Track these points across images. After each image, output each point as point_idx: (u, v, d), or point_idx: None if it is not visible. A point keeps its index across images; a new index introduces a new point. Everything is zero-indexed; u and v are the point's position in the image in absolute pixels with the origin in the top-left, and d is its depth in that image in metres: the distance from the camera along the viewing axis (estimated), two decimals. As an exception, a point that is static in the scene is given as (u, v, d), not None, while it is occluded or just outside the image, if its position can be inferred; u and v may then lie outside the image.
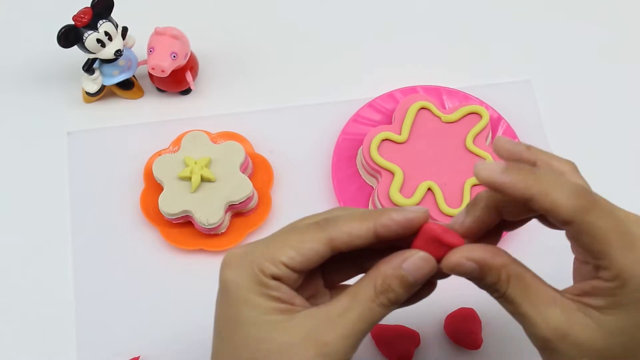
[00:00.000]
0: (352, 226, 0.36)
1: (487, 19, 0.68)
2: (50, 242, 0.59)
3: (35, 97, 0.65)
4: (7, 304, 0.57)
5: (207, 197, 0.57)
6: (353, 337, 0.35)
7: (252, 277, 0.36)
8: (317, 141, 0.62)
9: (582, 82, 0.66)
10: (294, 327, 0.35)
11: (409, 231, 0.37)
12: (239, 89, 0.65)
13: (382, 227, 0.36)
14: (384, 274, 0.36)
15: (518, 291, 0.36)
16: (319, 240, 0.36)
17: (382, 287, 0.36)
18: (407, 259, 0.36)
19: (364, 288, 0.36)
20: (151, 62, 0.59)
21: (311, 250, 0.36)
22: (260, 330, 0.36)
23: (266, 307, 0.36)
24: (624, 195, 0.61)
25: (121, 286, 0.58)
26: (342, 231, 0.36)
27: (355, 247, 0.37)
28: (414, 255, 0.36)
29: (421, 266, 0.36)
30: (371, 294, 0.36)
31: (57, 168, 0.62)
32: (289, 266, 0.36)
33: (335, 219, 0.37)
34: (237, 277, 0.37)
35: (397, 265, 0.36)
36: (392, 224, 0.36)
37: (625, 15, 0.69)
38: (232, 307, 0.37)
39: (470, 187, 0.57)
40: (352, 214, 0.37)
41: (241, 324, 0.36)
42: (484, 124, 0.59)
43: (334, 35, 0.68)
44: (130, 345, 0.55)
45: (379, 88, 0.63)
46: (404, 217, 0.36)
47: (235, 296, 0.36)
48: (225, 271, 0.37)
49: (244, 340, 0.36)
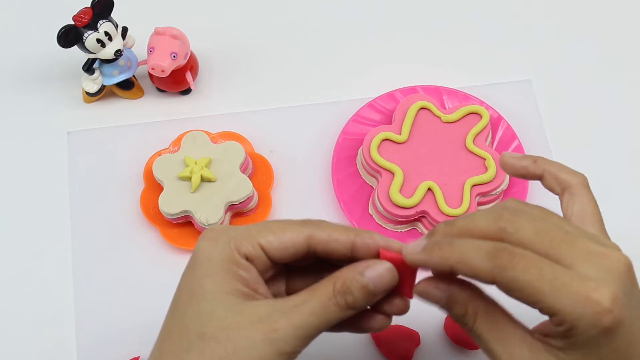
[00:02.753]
0: (335, 229, 0.38)
1: (487, 19, 0.68)
2: (50, 242, 0.59)
3: (35, 97, 0.65)
4: (7, 304, 0.57)
5: (207, 197, 0.57)
6: (304, 330, 0.36)
7: (225, 252, 0.37)
8: (317, 141, 0.62)
9: (582, 82, 0.66)
10: (249, 310, 0.36)
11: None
12: (239, 89, 0.65)
13: (362, 243, 0.38)
14: (345, 276, 0.37)
15: (486, 327, 0.36)
16: (300, 233, 0.37)
17: (342, 288, 0.36)
18: (370, 266, 0.37)
19: (323, 286, 0.37)
20: (151, 62, 0.59)
21: (290, 240, 0.37)
22: (216, 307, 0.36)
23: (229, 287, 0.36)
24: (624, 195, 0.61)
25: (121, 286, 0.58)
26: (324, 231, 0.38)
27: (330, 250, 0.38)
28: (378, 264, 0.37)
29: (383, 276, 0.37)
30: (329, 292, 0.37)
31: (57, 168, 0.62)
32: (265, 249, 0.37)
33: (322, 221, 0.38)
34: (210, 250, 0.37)
35: (360, 271, 0.37)
36: (371, 243, 0.37)
37: (625, 16, 0.69)
38: (195, 280, 0.37)
39: (470, 187, 0.57)
40: (339, 225, 0.38)
41: (199, 297, 0.37)
42: (484, 124, 0.59)
43: (334, 35, 0.68)
44: (130, 345, 0.55)
45: (379, 88, 0.63)
46: (386, 242, 0.38)
47: (203, 269, 0.37)
48: (201, 242, 0.38)
49: (196, 314, 0.36)
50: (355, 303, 0.37)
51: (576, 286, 0.32)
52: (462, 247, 0.34)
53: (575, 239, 0.34)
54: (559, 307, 0.33)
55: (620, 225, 0.59)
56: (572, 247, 0.34)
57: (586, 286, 0.32)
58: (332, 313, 0.36)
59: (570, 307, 0.32)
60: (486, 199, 0.58)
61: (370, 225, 0.58)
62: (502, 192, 0.58)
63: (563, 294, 0.32)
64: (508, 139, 0.61)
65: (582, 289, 0.32)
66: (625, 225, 0.60)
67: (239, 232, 0.38)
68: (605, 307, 0.32)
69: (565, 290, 0.32)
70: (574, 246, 0.34)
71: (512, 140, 0.61)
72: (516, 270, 0.33)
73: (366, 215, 0.59)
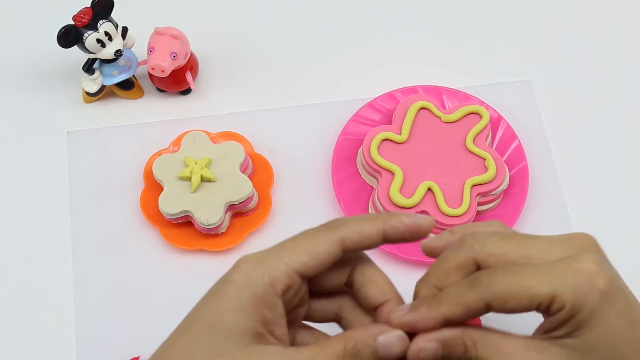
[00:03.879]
0: (362, 226, 0.37)
1: (487, 19, 0.68)
2: (50, 242, 0.59)
3: (35, 97, 0.65)
4: (6, 304, 0.57)
5: (207, 197, 0.57)
6: None
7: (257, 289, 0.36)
8: (317, 141, 0.62)
9: (582, 82, 0.66)
10: (257, 356, 0.35)
11: (415, 237, 0.37)
12: (238, 89, 0.65)
13: (391, 229, 0.37)
14: (358, 337, 0.36)
15: (488, 349, 0.36)
16: (331, 242, 0.37)
17: (352, 350, 0.36)
18: (384, 332, 0.36)
19: (334, 344, 0.36)
20: (151, 62, 0.59)
21: (324, 253, 0.36)
22: (228, 344, 0.35)
23: (247, 325, 0.35)
24: (624, 195, 0.61)
25: (121, 286, 0.58)
26: (353, 230, 0.37)
27: (364, 247, 0.37)
28: (392, 332, 0.36)
29: (395, 345, 0.36)
30: (339, 352, 0.36)
31: (57, 168, 0.62)
32: (302, 273, 0.36)
33: (344, 220, 0.38)
34: (242, 284, 0.36)
35: (373, 335, 0.36)
36: (401, 227, 0.37)
37: (625, 16, 0.69)
38: (217, 311, 0.36)
39: (470, 187, 0.57)
40: (361, 216, 0.38)
41: (215, 331, 0.36)
42: (484, 124, 0.59)
43: (334, 35, 0.68)
44: (130, 345, 0.55)
45: (379, 88, 0.63)
46: (414, 221, 0.37)
47: (229, 302, 0.36)
48: (235, 274, 0.37)
49: (207, 348, 0.36)
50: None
51: (560, 267, 0.34)
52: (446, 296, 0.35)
53: (539, 237, 0.36)
54: (552, 291, 0.33)
55: (620, 225, 0.60)
56: (539, 242, 0.36)
57: (568, 263, 0.34)
58: None
59: (563, 286, 0.33)
60: (486, 198, 0.58)
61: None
62: (502, 192, 0.58)
63: (550, 277, 0.34)
64: (508, 139, 0.61)
65: (566, 266, 0.34)
66: (625, 225, 0.60)
67: (271, 262, 0.36)
68: (594, 270, 0.33)
69: (551, 273, 0.34)
70: (540, 241, 0.36)
71: (512, 140, 0.61)
72: (499, 281, 0.34)
73: (366, 215, 0.59)
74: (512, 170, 0.59)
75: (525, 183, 0.59)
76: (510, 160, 0.60)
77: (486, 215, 0.59)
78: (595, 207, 0.61)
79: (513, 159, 0.60)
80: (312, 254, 0.36)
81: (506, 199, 0.59)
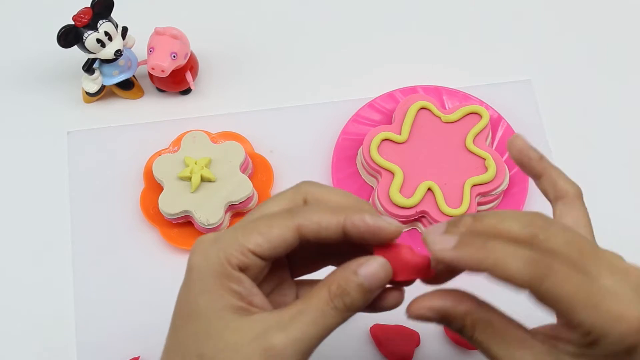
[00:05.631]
0: (322, 217, 0.36)
1: (487, 19, 0.68)
2: (50, 242, 0.59)
3: (35, 97, 0.65)
4: (6, 304, 0.57)
5: (207, 197, 0.57)
6: (303, 342, 0.35)
7: (216, 267, 0.36)
8: (317, 141, 0.62)
9: (582, 82, 0.66)
10: (245, 327, 0.35)
11: (376, 239, 0.36)
12: (239, 89, 0.65)
13: (352, 226, 0.36)
14: (339, 277, 0.36)
15: (485, 335, 0.35)
16: (287, 227, 0.36)
17: (338, 291, 0.35)
18: (363, 264, 0.36)
19: (318, 292, 0.36)
20: (151, 62, 0.59)
21: (279, 237, 0.36)
22: (212, 326, 0.35)
23: (223, 303, 0.36)
24: (624, 195, 0.61)
25: (121, 286, 0.58)
26: (312, 220, 0.36)
27: (322, 238, 0.36)
28: (371, 261, 0.36)
29: (378, 272, 0.36)
30: (325, 298, 0.35)
31: (57, 168, 0.62)
32: (257, 253, 0.36)
33: (308, 207, 0.37)
34: (201, 265, 0.36)
35: (354, 270, 0.36)
36: (361, 225, 0.36)
37: (625, 16, 0.69)
38: (190, 298, 0.37)
39: (470, 187, 0.57)
40: (324, 207, 0.37)
41: (196, 316, 0.36)
42: (484, 124, 0.59)
43: (334, 35, 0.68)
44: (130, 345, 0.55)
45: (379, 88, 0.63)
46: (375, 223, 0.36)
47: (196, 286, 0.36)
48: (192, 257, 0.37)
49: (193, 334, 0.36)
50: (353, 304, 0.36)
51: (609, 304, 0.33)
52: (499, 251, 0.33)
53: (601, 253, 0.35)
54: (590, 322, 0.33)
55: (620, 225, 0.60)
56: (599, 260, 0.34)
57: (619, 304, 0.33)
58: (331, 318, 0.35)
59: (602, 323, 0.33)
60: (486, 199, 0.58)
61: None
62: (502, 192, 0.58)
63: (598, 310, 0.33)
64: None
65: (616, 306, 0.33)
66: (625, 225, 0.60)
67: (227, 241, 0.36)
68: (635, 326, 0.32)
69: (600, 307, 0.33)
70: (600, 259, 0.34)
71: (512, 140, 0.61)
72: (554, 283, 0.33)
73: (366, 215, 0.59)
74: (512, 170, 0.59)
75: (525, 183, 0.59)
76: (510, 160, 0.60)
77: (486, 215, 0.59)
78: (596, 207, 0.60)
79: (513, 159, 0.60)
80: (266, 235, 0.36)
81: (506, 199, 0.59)
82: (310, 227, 0.36)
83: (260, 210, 0.38)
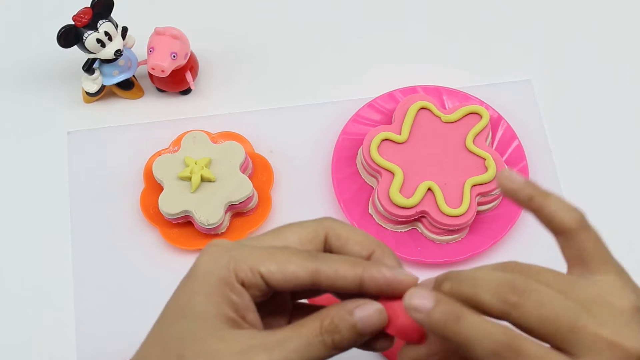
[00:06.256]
0: (341, 266, 0.36)
1: (487, 19, 0.68)
2: (50, 242, 0.59)
3: (35, 97, 0.65)
4: (6, 304, 0.57)
5: (207, 197, 0.57)
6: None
7: (222, 273, 0.36)
8: (317, 141, 0.62)
9: (582, 82, 0.66)
10: (231, 340, 0.35)
11: (393, 292, 0.36)
12: (239, 89, 0.65)
13: (370, 278, 0.36)
14: (333, 314, 0.36)
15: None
16: (305, 268, 0.36)
17: (330, 327, 0.35)
18: (360, 305, 0.36)
19: (310, 322, 0.36)
20: (151, 62, 0.59)
21: (293, 274, 0.36)
22: (199, 328, 0.35)
23: (217, 310, 0.35)
24: (624, 195, 0.61)
25: (121, 286, 0.58)
26: (331, 267, 0.36)
27: (337, 288, 0.36)
28: (369, 305, 0.36)
29: (373, 317, 0.35)
30: (315, 329, 0.35)
31: (57, 168, 0.62)
32: (265, 278, 0.36)
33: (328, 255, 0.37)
34: (208, 267, 0.36)
35: (350, 310, 0.35)
36: (379, 278, 0.36)
37: (625, 15, 0.69)
38: (186, 295, 0.36)
39: (470, 187, 0.57)
40: (343, 257, 0.37)
41: (185, 315, 0.36)
42: (484, 124, 0.59)
43: (334, 35, 0.68)
44: (130, 345, 0.55)
45: (379, 88, 0.63)
46: (394, 276, 0.36)
47: (196, 285, 0.36)
48: (202, 256, 0.37)
49: (178, 333, 0.35)
50: (342, 342, 0.35)
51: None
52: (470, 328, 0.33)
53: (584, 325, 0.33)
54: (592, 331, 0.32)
55: (620, 225, 0.60)
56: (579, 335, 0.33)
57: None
58: (316, 351, 0.35)
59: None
60: (486, 198, 0.58)
61: (370, 225, 0.58)
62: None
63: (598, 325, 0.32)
64: (508, 139, 0.61)
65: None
66: (625, 225, 0.60)
67: (242, 254, 0.36)
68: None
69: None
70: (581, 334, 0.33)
71: (512, 140, 0.61)
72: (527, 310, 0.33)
73: (366, 215, 0.59)
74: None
75: (525, 183, 0.59)
76: (510, 160, 0.60)
77: (486, 215, 0.59)
78: (596, 207, 0.60)
79: (513, 159, 0.60)
80: (281, 267, 0.36)
81: (506, 199, 0.59)
82: (328, 274, 0.36)
83: (279, 235, 0.38)
